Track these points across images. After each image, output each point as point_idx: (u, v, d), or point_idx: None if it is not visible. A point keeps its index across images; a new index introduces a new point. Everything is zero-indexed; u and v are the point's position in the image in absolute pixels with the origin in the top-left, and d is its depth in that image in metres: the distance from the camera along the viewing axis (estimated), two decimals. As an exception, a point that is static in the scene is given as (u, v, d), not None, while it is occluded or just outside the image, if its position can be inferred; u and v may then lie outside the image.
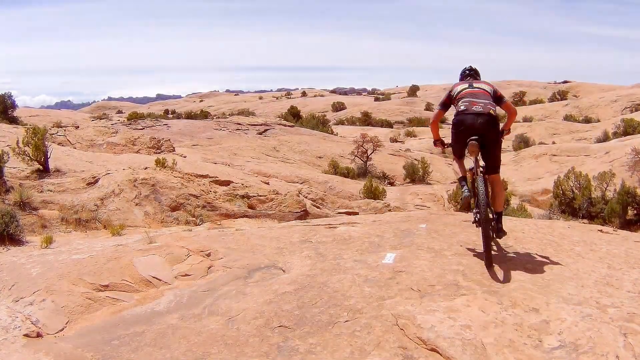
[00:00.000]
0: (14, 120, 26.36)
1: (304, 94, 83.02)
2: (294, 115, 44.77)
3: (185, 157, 17.85)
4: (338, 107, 59.38)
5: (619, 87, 58.81)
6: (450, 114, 4.96)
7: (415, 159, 25.60)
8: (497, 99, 4.58)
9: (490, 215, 4.30)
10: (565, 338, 3.31)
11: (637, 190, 16.33)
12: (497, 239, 4.79)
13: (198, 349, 3.63)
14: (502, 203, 4.52)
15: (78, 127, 22.24)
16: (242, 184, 12.53)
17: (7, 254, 6.99)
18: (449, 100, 4.76)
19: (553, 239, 5.50)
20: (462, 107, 4.47)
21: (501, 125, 4.61)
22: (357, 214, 11.82)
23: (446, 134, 4.91)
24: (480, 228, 4.38)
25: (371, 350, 3.36)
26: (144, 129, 25.88)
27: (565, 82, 69.91)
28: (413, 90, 70.24)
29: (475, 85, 4.65)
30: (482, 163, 4.47)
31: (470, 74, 4.92)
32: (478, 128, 4.30)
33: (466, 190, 4.61)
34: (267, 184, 14.88)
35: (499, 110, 4.63)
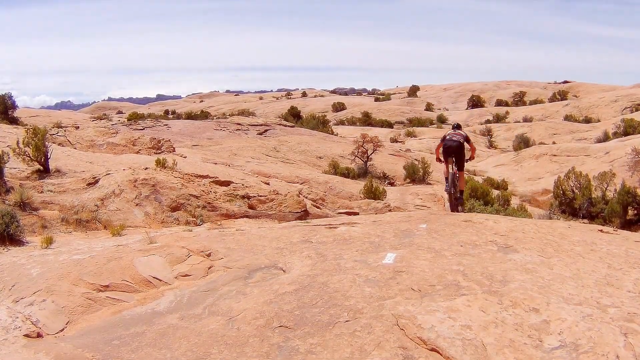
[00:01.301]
0: (14, 121, 26.40)
1: (304, 94, 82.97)
2: (294, 116, 44.79)
3: (185, 157, 17.84)
4: (338, 107, 59.34)
5: (619, 87, 58.76)
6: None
7: (415, 159, 25.58)
8: (466, 140, 8.72)
9: (458, 192, 8.67)
10: (566, 338, 3.31)
11: (637, 190, 16.32)
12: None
13: (198, 349, 3.63)
14: (463, 185, 8.98)
15: (78, 127, 22.23)
16: (243, 184, 12.53)
17: (8, 254, 6.99)
18: (445, 137, 8.90)
19: (553, 239, 5.51)
20: (448, 137, 8.75)
21: (468, 155, 9.01)
22: (357, 214, 11.82)
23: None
24: (449, 195, 8.80)
25: (371, 350, 3.36)
26: (144, 129, 25.89)
27: (565, 82, 69.86)
28: (413, 91, 70.24)
29: (457, 131, 8.87)
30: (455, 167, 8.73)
31: (456, 127, 9.13)
32: (455, 148, 8.59)
33: (447, 186, 8.82)
34: (268, 184, 14.87)
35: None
